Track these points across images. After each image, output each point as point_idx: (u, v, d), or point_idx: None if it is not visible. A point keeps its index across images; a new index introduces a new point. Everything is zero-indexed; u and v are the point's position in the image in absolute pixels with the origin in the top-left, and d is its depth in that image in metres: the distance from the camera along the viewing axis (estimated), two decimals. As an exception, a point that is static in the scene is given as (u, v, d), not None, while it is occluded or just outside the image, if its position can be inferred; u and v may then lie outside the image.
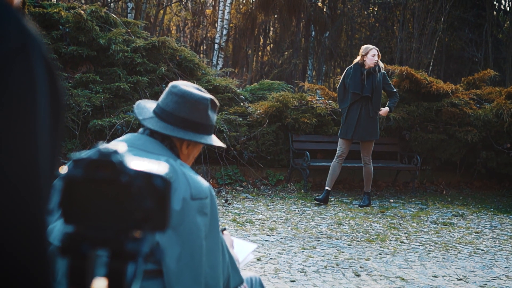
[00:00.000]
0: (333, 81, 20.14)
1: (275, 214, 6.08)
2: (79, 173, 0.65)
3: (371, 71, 6.56)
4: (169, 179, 0.67)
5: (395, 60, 16.63)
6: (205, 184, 1.72)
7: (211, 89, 7.64)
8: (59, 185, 0.66)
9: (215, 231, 1.72)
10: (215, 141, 1.86)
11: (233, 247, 2.06)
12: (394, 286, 3.94)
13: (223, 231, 2.00)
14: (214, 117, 1.86)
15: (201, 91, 1.85)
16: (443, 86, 8.35)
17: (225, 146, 1.93)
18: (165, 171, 0.67)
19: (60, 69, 7.29)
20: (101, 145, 0.68)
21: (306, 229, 5.50)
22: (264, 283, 2.17)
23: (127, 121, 6.92)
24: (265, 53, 24.51)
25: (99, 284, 0.64)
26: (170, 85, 1.86)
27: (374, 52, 6.60)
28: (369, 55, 6.58)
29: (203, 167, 7.23)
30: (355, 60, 6.75)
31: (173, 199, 1.61)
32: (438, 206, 7.17)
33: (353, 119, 6.59)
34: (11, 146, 0.62)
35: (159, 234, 0.83)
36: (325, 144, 7.97)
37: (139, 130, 1.84)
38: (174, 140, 1.79)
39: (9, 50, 0.62)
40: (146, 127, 1.80)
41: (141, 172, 0.66)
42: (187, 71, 8.02)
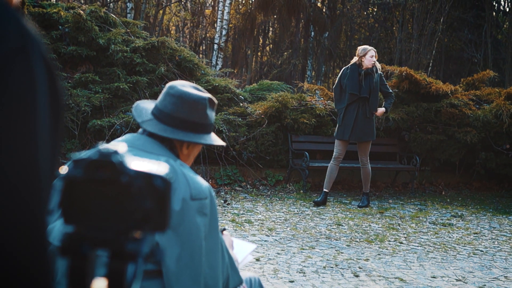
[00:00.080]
0: (332, 81, 20.12)
1: (274, 215, 6.08)
2: (79, 173, 0.65)
3: (369, 71, 6.57)
4: (169, 179, 0.67)
5: (395, 60, 16.63)
6: (204, 184, 1.71)
7: (210, 89, 7.63)
8: (59, 185, 0.66)
9: (214, 232, 1.72)
10: (215, 140, 1.86)
11: (232, 247, 2.06)
12: (393, 287, 3.94)
13: (222, 231, 2.00)
14: (213, 115, 1.86)
15: (198, 90, 1.85)
16: (443, 86, 8.36)
17: (225, 145, 1.93)
18: (165, 171, 0.67)
19: (59, 69, 7.28)
20: (101, 145, 0.68)
21: (305, 229, 5.50)
22: (263, 284, 2.17)
23: (126, 121, 6.92)
24: (264, 54, 24.51)
25: (99, 284, 0.64)
26: (167, 85, 1.85)
27: (373, 53, 6.60)
28: (367, 56, 6.57)
29: (202, 167, 7.22)
30: (352, 61, 6.75)
31: (173, 200, 1.61)
32: (437, 206, 7.17)
33: (350, 120, 6.59)
34: (11, 146, 0.62)
35: (159, 234, 0.83)
36: (324, 144, 7.97)
37: (139, 130, 1.84)
38: (173, 141, 1.79)
39: (9, 50, 0.62)
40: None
41: (141, 172, 0.66)
42: (186, 71, 8.01)
